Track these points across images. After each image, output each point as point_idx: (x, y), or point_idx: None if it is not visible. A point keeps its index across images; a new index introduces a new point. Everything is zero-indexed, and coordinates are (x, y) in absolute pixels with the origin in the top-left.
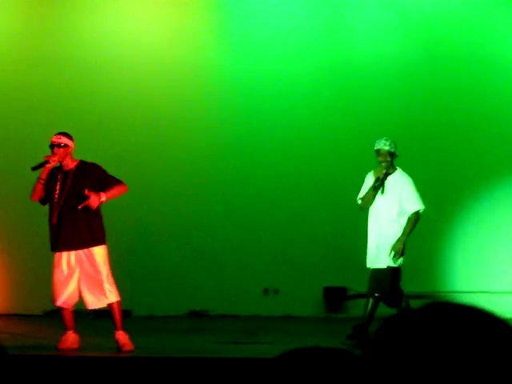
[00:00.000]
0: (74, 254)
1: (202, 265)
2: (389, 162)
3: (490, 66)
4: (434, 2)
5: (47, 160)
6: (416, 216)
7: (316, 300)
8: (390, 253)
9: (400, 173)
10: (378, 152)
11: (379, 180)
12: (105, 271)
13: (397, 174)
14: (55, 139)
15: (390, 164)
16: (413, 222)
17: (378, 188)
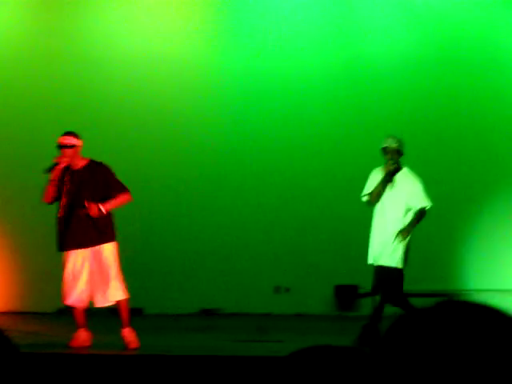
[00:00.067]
0: (82, 252)
1: (214, 263)
2: (396, 159)
3: (503, 65)
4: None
5: (57, 162)
6: (422, 212)
7: (327, 298)
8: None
9: (407, 170)
10: (385, 150)
11: (389, 174)
12: (114, 269)
13: (405, 172)
14: (62, 140)
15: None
16: (418, 216)
17: (388, 181)
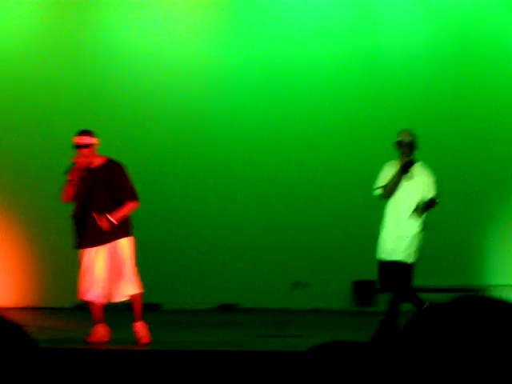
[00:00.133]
0: (99, 248)
1: (232, 258)
2: (410, 153)
3: None
4: None
5: (75, 162)
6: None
7: (345, 294)
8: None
9: (422, 164)
10: (399, 143)
11: (404, 167)
12: (130, 263)
13: (420, 165)
14: (78, 140)
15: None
16: (429, 204)
17: (403, 175)
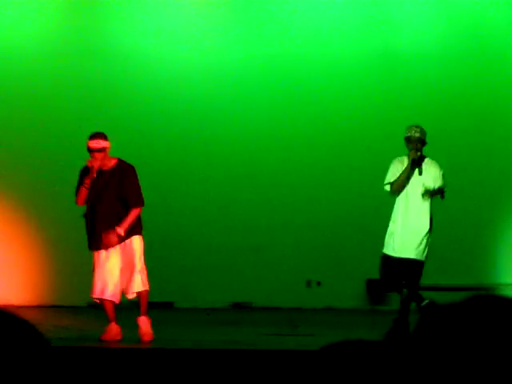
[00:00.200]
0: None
1: (245, 257)
2: (419, 149)
3: None
4: None
5: (92, 165)
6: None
7: (358, 292)
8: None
9: (430, 159)
10: (408, 139)
11: (414, 163)
12: (140, 261)
13: (429, 161)
14: (93, 144)
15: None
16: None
17: (415, 168)
